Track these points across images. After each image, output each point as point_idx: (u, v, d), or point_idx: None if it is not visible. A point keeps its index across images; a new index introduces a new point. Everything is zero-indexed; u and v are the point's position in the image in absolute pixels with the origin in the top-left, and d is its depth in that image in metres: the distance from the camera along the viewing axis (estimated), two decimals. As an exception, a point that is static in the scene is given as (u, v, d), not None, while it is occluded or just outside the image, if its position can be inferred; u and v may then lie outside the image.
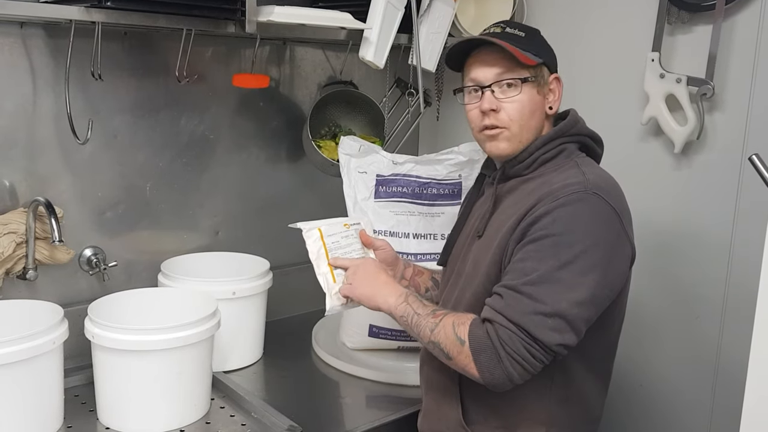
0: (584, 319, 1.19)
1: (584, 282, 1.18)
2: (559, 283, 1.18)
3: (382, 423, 1.54)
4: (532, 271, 1.19)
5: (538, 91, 1.35)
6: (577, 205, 1.21)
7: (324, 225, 1.53)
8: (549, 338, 1.16)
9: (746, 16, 1.61)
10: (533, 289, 1.18)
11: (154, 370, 1.43)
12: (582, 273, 1.19)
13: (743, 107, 1.62)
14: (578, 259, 1.18)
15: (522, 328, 1.17)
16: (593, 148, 1.39)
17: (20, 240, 1.58)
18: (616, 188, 1.30)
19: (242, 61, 1.95)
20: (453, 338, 1.23)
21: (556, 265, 1.18)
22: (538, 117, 1.36)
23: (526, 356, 1.17)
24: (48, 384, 1.41)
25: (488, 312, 1.22)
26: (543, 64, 1.35)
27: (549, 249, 1.20)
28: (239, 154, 2.00)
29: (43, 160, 1.66)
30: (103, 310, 1.49)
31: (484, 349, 1.19)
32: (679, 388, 1.80)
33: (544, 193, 1.25)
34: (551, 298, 1.17)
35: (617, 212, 1.24)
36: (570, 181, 1.25)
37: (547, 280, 1.18)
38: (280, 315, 2.05)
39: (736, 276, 1.67)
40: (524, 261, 1.21)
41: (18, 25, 1.57)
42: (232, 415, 1.55)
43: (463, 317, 1.25)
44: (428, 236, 1.81)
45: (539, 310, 1.17)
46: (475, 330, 1.21)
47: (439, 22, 1.88)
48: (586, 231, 1.21)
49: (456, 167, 1.84)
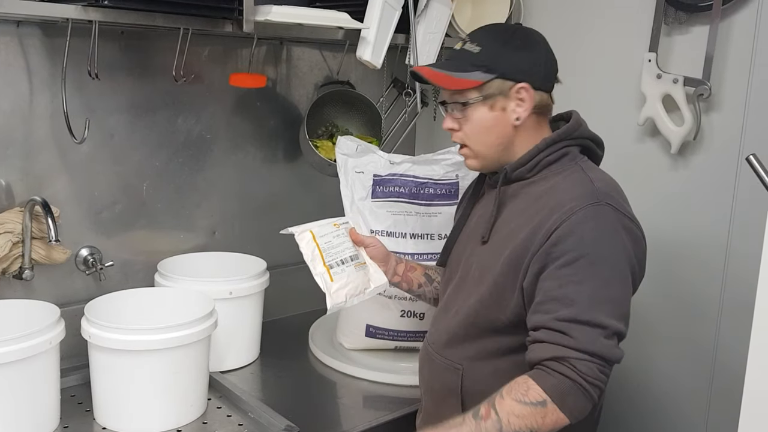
0: (627, 324, 1.22)
1: (624, 295, 1.22)
2: (608, 303, 1.18)
3: (379, 423, 1.54)
4: (578, 294, 1.17)
5: (490, 108, 1.31)
6: (596, 220, 1.21)
7: (315, 227, 1.56)
8: (617, 355, 1.18)
9: (743, 16, 1.61)
10: (590, 315, 1.16)
11: (151, 370, 1.43)
12: (621, 286, 1.21)
13: (740, 108, 1.63)
14: (615, 273, 1.20)
15: (597, 355, 1.16)
16: (594, 151, 1.38)
17: (16, 239, 1.58)
18: (621, 193, 1.31)
19: (239, 60, 1.94)
20: (530, 410, 1.15)
21: (598, 284, 1.18)
22: (500, 133, 1.33)
23: (602, 378, 1.17)
24: (44, 384, 1.41)
25: (554, 350, 1.16)
26: (499, 77, 1.30)
27: (586, 270, 1.18)
28: (236, 154, 2.00)
29: (39, 159, 1.65)
30: (100, 310, 1.49)
31: (568, 390, 1.15)
32: (676, 388, 1.80)
33: (555, 204, 1.24)
34: (607, 320, 1.17)
35: (630, 218, 1.26)
36: (579, 192, 1.25)
37: (597, 302, 1.17)
38: (277, 315, 2.05)
39: (733, 275, 1.67)
40: (564, 287, 1.18)
41: (14, 24, 1.57)
42: (229, 415, 1.55)
43: (520, 385, 1.17)
44: (425, 236, 1.81)
45: (603, 333, 1.17)
46: (548, 382, 1.16)
47: (436, 22, 1.88)
48: (612, 244, 1.21)
49: (453, 167, 1.84)
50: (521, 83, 1.29)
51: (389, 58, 1.86)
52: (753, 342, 0.88)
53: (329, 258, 1.51)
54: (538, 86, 1.30)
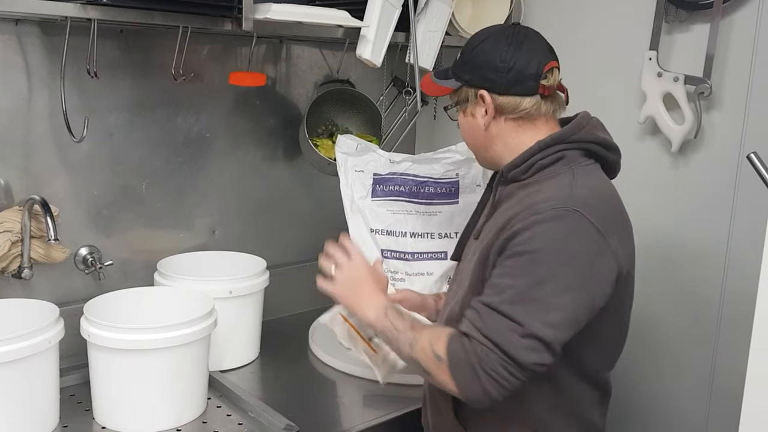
0: (560, 340, 1.17)
1: (560, 303, 1.16)
2: (535, 303, 1.16)
3: (379, 422, 1.54)
4: (508, 288, 1.18)
5: (464, 113, 1.37)
6: (555, 223, 1.18)
7: (344, 309, 1.52)
8: (525, 358, 1.15)
9: (744, 14, 1.61)
10: (509, 307, 1.16)
11: (151, 369, 1.43)
12: (558, 293, 1.16)
13: (741, 106, 1.62)
14: (555, 278, 1.16)
15: (498, 347, 1.15)
16: (603, 155, 1.32)
17: (15, 239, 1.58)
18: (605, 203, 1.26)
19: (239, 59, 1.94)
20: (431, 355, 1.22)
21: (531, 282, 1.16)
22: (475, 136, 1.37)
23: (503, 374, 1.15)
24: (44, 383, 1.40)
25: (466, 326, 1.20)
26: (465, 85, 1.34)
27: (526, 266, 1.18)
28: (236, 153, 2.00)
29: (38, 158, 1.65)
30: (99, 309, 1.48)
31: (461, 363, 1.18)
32: (675, 387, 1.80)
33: (527, 204, 1.24)
34: (526, 319, 1.15)
35: (598, 229, 1.19)
36: (554, 194, 1.23)
37: (522, 298, 1.16)
38: (277, 314, 2.05)
39: (734, 274, 1.67)
40: (502, 277, 1.20)
41: (13, 23, 1.57)
42: (229, 415, 1.55)
43: (440, 332, 1.24)
44: (425, 235, 1.81)
45: (514, 330, 1.15)
46: (452, 346, 1.20)
47: (436, 20, 1.88)
48: (563, 249, 1.18)
49: (453, 166, 1.84)
50: (480, 90, 1.32)
51: (389, 56, 1.85)
52: (754, 341, 0.88)
53: (365, 331, 1.51)
54: (501, 91, 1.30)
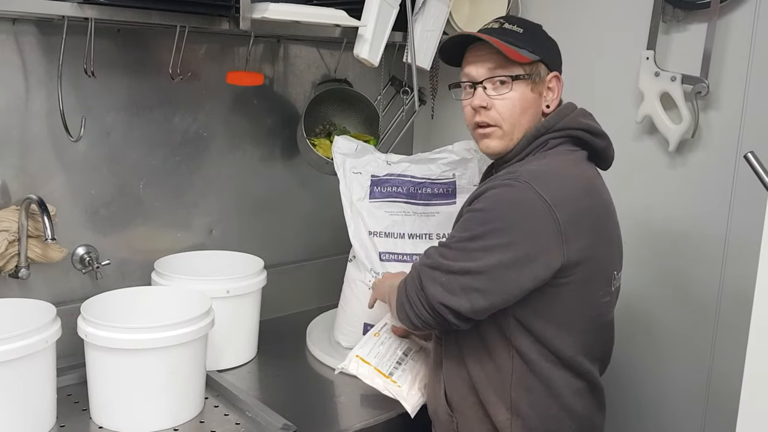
0: (475, 289, 1.23)
1: (485, 257, 1.23)
2: (464, 252, 1.25)
3: (377, 422, 1.54)
4: (451, 238, 1.30)
5: (532, 89, 1.35)
6: (504, 189, 1.25)
7: (358, 349, 1.58)
8: (431, 291, 1.26)
9: (741, 14, 1.61)
10: (443, 250, 1.28)
11: (148, 368, 1.43)
12: (486, 249, 1.23)
13: (738, 105, 1.63)
14: (487, 236, 1.24)
15: (418, 276, 1.29)
16: (590, 142, 1.35)
17: (12, 238, 1.57)
18: (563, 181, 1.27)
19: (236, 58, 1.94)
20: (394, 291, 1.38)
21: (467, 236, 1.26)
22: (531, 115, 1.36)
23: (416, 302, 1.28)
24: (41, 383, 1.40)
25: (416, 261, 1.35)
26: (540, 62, 1.35)
27: (468, 222, 1.28)
28: (233, 153, 2.00)
29: (35, 157, 1.65)
30: (97, 309, 1.48)
31: (398, 290, 1.34)
32: (673, 385, 1.80)
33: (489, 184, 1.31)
34: (450, 260, 1.25)
35: (546, 201, 1.22)
36: (516, 171, 1.28)
37: (455, 246, 1.27)
38: (275, 314, 2.05)
39: (731, 273, 1.67)
40: (454, 229, 1.33)
41: (10, 22, 1.56)
42: (226, 414, 1.55)
43: None
44: (423, 236, 1.81)
45: (436, 265, 1.27)
46: (408, 274, 1.34)
47: (433, 20, 1.88)
48: (503, 214, 1.25)
49: (449, 166, 1.84)
50: (554, 72, 1.37)
51: (387, 56, 1.85)
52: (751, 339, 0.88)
53: (385, 368, 1.54)
54: (560, 78, 1.39)
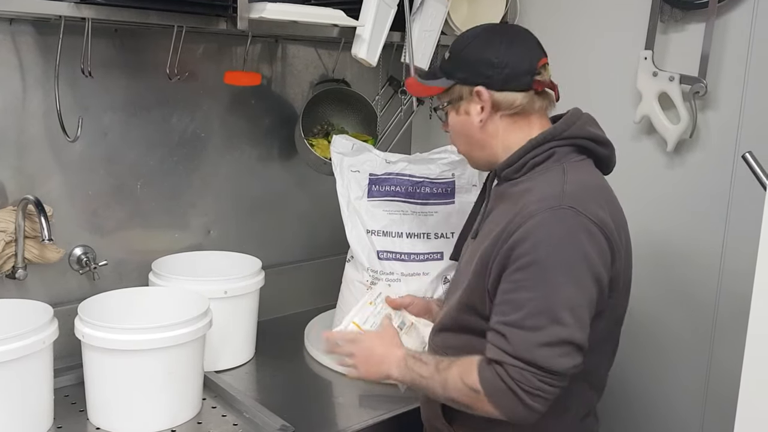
0: (586, 335, 1.17)
1: (578, 302, 1.16)
2: (556, 309, 1.15)
3: (375, 422, 1.54)
4: (527, 301, 1.17)
5: (456, 112, 1.35)
6: (552, 224, 1.18)
7: (355, 316, 1.56)
8: (561, 365, 1.15)
9: (739, 14, 1.61)
10: (533, 321, 1.15)
11: (145, 369, 1.42)
12: (575, 294, 1.16)
13: (736, 105, 1.63)
14: (567, 281, 1.16)
15: (533, 364, 1.15)
16: (594, 150, 1.32)
17: (9, 239, 1.57)
18: (596, 195, 1.25)
19: (234, 58, 1.94)
20: (466, 390, 1.22)
21: (547, 291, 1.16)
22: (469, 135, 1.35)
23: (543, 388, 1.15)
24: (38, 384, 1.40)
25: (494, 352, 1.19)
26: (458, 83, 1.32)
27: (536, 276, 1.17)
28: (231, 153, 1.99)
29: (32, 157, 1.64)
30: (94, 310, 1.48)
31: (499, 391, 1.17)
32: (671, 386, 1.80)
33: (522, 207, 1.22)
34: (553, 328, 1.14)
35: (594, 221, 1.19)
36: (546, 194, 1.22)
37: (543, 309, 1.15)
38: (272, 314, 2.04)
39: (729, 274, 1.67)
40: (517, 291, 1.19)
41: (7, 22, 1.56)
42: (224, 415, 1.55)
43: (467, 364, 1.23)
44: (421, 235, 1.81)
45: (544, 341, 1.15)
46: (484, 375, 1.20)
47: (431, 20, 1.87)
48: (566, 250, 1.17)
49: (449, 166, 1.84)
50: (477, 86, 1.30)
51: (385, 56, 1.85)
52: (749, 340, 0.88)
53: None
54: (499, 87, 1.29)
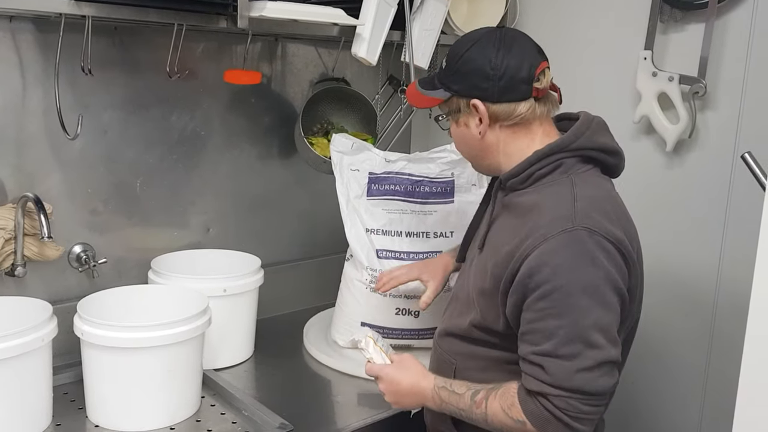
0: (619, 348, 1.18)
1: (607, 321, 1.16)
2: (589, 332, 1.14)
3: (374, 421, 1.54)
4: (557, 329, 1.15)
5: (456, 123, 1.33)
6: (571, 248, 1.16)
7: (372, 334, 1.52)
8: (602, 387, 1.15)
9: (739, 14, 1.61)
10: (567, 348, 1.14)
11: (144, 367, 1.42)
12: (603, 314, 1.15)
13: (735, 105, 1.63)
14: (595, 300, 1.15)
15: (575, 390, 1.14)
16: (604, 161, 1.29)
17: (9, 236, 1.57)
18: (607, 210, 1.22)
19: (234, 57, 1.94)
20: (512, 423, 1.21)
21: (578, 316, 1.14)
22: (470, 146, 1.34)
23: (590, 410, 1.15)
24: (36, 381, 1.40)
25: (533, 384, 1.17)
26: (455, 95, 1.30)
27: (564, 301, 1.15)
28: (230, 151, 1.99)
29: (32, 155, 1.64)
30: (93, 307, 1.48)
31: (547, 422, 1.17)
32: (670, 385, 1.80)
33: (532, 226, 1.20)
34: (589, 352, 1.14)
35: (608, 239, 1.17)
36: (557, 214, 1.19)
37: (575, 335, 1.14)
38: (272, 313, 2.04)
39: (728, 274, 1.67)
40: (544, 320, 1.16)
41: (7, 19, 1.56)
42: (223, 413, 1.55)
43: (507, 396, 1.22)
44: (421, 234, 1.81)
45: (582, 367, 1.14)
46: (529, 407, 1.19)
47: (431, 19, 1.88)
48: (587, 272, 1.15)
49: (448, 165, 1.84)
50: (473, 100, 1.27)
51: (385, 55, 1.85)
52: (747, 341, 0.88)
53: None
54: (495, 99, 1.26)
